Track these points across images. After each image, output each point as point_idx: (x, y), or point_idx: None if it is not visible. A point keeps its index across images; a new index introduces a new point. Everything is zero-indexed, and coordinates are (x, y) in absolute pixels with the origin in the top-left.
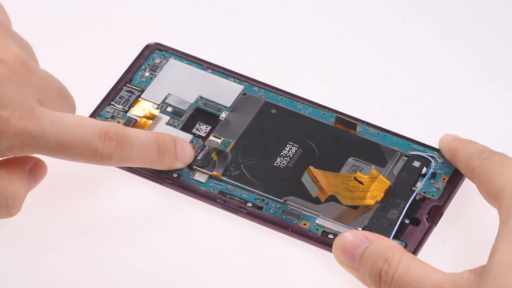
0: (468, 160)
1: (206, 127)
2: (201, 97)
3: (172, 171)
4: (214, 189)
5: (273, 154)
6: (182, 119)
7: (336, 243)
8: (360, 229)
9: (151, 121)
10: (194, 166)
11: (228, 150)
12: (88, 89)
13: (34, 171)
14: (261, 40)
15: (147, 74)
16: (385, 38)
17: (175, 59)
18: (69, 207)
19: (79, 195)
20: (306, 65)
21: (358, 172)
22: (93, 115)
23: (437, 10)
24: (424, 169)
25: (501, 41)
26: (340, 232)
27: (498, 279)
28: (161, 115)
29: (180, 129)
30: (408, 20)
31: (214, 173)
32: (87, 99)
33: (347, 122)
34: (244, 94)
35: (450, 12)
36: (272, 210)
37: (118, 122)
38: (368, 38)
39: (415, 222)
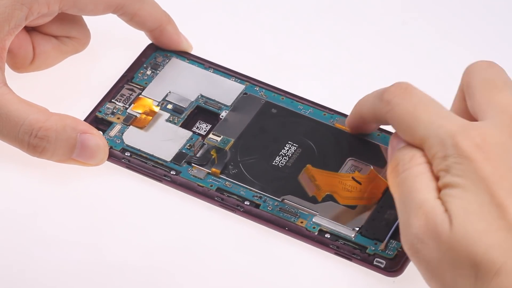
0: (373, 110)
1: (206, 126)
2: (201, 96)
3: (170, 169)
4: (212, 186)
5: (272, 153)
6: (182, 116)
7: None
8: (357, 229)
9: (151, 118)
10: (193, 164)
11: (227, 148)
12: (90, 88)
13: None
14: (262, 40)
15: (148, 72)
16: (385, 39)
17: (177, 58)
18: (67, 205)
19: (77, 193)
20: (307, 66)
21: (356, 172)
22: (94, 111)
23: (437, 10)
24: None
25: (501, 40)
26: (336, 231)
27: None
28: (161, 112)
29: (180, 126)
30: (407, 21)
31: (213, 169)
32: (88, 98)
33: None
34: (245, 93)
35: (450, 12)
36: (270, 208)
37: (118, 118)
38: (369, 38)
39: None
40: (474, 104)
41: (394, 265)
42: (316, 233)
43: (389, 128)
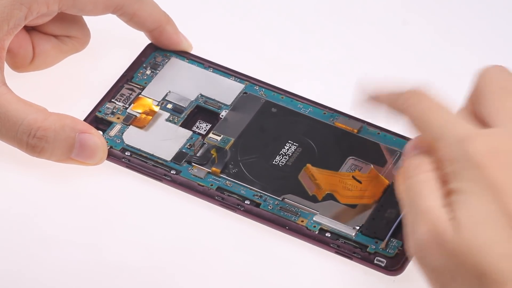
0: (391, 99)
1: (206, 125)
2: (201, 95)
3: (171, 169)
4: (212, 185)
5: (272, 152)
6: (182, 115)
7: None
8: (358, 227)
9: (151, 117)
10: (194, 163)
11: (227, 147)
12: (90, 87)
13: None
14: (262, 40)
15: (148, 72)
16: (385, 39)
17: (176, 57)
18: (66, 205)
19: (77, 193)
20: (306, 65)
21: (357, 171)
22: (93, 111)
23: (437, 10)
24: None
25: (501, 40)
26: (337, 230)
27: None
28: (161, 111)
29: (180, 126)
30: (408, 21)
31: (213, 169)
32: (88, 98)
33: (350, 122)
34: (245, 93)
35: (450, 12)
36: (270, 207)
37: (118, 118)
38: (368, 37)
39: None
40: (485, 109)
41: (395, 264)
42: (316, 232)
43: (389, 127)
